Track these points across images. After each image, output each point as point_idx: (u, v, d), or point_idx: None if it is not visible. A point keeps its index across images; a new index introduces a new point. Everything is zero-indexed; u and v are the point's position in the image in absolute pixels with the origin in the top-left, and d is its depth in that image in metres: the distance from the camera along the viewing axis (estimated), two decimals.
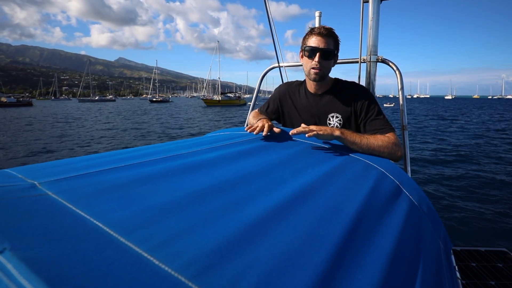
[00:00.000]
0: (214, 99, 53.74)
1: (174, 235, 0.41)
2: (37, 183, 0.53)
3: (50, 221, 0.41)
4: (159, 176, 0.63)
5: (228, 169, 0.72)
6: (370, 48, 1.75)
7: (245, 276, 0.35)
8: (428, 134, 13.63)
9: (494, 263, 1.76)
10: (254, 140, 1.06)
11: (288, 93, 1.55)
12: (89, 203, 0.47)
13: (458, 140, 11.63)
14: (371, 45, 1.75)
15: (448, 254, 0.82)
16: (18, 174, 0.57)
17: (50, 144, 11.37)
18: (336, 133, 1.08)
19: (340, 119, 1.40)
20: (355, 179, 0.79)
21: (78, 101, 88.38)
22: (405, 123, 1.71)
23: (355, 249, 0.48)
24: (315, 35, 1.32)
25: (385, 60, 1.75)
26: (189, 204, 0.51)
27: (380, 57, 1.76)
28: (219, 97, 55.98)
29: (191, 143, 0.97)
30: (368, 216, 0.60)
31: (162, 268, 0.34)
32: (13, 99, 58.10)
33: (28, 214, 0.41)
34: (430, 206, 0.86)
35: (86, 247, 0.36)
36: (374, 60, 1.76)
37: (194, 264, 0.36)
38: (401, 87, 1.73)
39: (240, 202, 0.55)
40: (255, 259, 0.39)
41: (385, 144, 1.15)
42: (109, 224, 0.41)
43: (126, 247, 0.37)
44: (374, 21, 1.72)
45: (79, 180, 0.57)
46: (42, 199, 0.47)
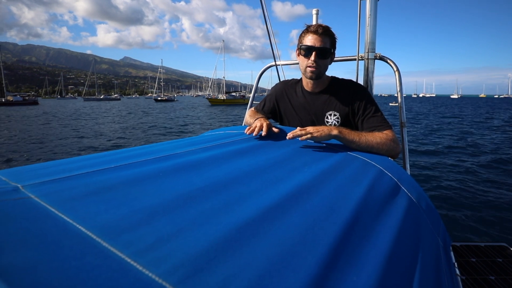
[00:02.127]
0: (219, 98, 53.84)
1: (161, 239, 0.40)
2: (20, 186, 0.51)
3: (29, 225, 0.39)
4: (150, 177, 0.61)
5: (221, 169, 0.71)
6: (368, 46, 1.75)
7: (235, 279, 0.34)
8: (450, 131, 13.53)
9: (494, 258, 1.76)
10: (250, 139, 1.05)
11: (285, 92, 1.55)
12: (73, 206, 0.46)
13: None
14: (369, 42, 1.74)
15: (447, 250, 0.81)
16: (2, 177, 0.55)
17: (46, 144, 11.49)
18: (334, 132, 1.07)
19: (338, 117, 1.39)
20: (353, 177, 0.78)
21: (84, 100, 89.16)
22: (404, 120, 1.71)
23: (351, 249, 0.48)
24: (311, 34, 1.31)
25: (383, 57, 1.75)
26: (179, 206, 0.50)
27: (378, 54, 1.75)
28: (223, 96, 56.08)
29: (186, 143, 0.95)
30: (365, 215, 0.59)
31: (146, 274, 0.33)
32: (19, 98, 58.85)
33: (6, 219, 0.40)
34: (429, 203, 0.86)
35: (65, 253, 0.34)
36: (372, 58, 1.76)
37: (180, 268, 0.34)
38: (399, 84, 1.73)
39: (232, 203, 0.53)
40: (246, 261, 0.38)
41: (383, 141, 1.15)
42: (92, 228, 0.40)
43: (109, 252, 0.36)
44: (372, 18, 1.72)
45: (66, 182, 0.55)
46: (24, 202, 0.46)
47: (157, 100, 77.77)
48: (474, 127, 15.96)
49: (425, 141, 10.83)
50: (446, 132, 13.53)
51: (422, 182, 6.02)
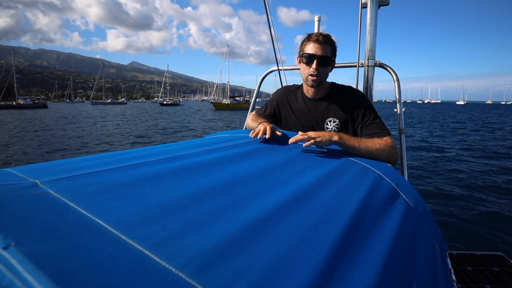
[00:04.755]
0: (223, 103, 54.26)
1: (174, 234, 0.42)
2: (39, 182, 0.53)
3: (52, 218, 0.41)
4: (159, 176, 0.63)
5: (227, 171, 0.73)
6: (368, 53, 1.78)
7: (244, 274, 0.36)
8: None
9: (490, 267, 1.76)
10: (253, 142, 1.07)
11: (286, 97, 1.57)
12: (90, 202, 0.48)
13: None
14: (369, 50, 1.77)
15: (444, 256, 0.83)
16: (19, 173, 0.58)
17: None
18: (335, 138, 1.09)
19: (338, 123, 1.42)
20: (352, 181, 0.80)
21: (91, 104, 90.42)
22: (402, 127, 1.73)
23: (352, 249, 0.49)
24: (313, 42, 1.34)
25: (382, 64, 1.78)
26: (189, 204, 0.52)
27: (377, 61, 1.78)
28: (228, 101, 56.44)
29: (191, 145, 0.98)
30: (365, 218, 0.61)
31: (163, 265, 0.35)
32: (29, 101, 60.07)
33: (31, 212, 0.42)
34: (426, 209, 0.87)
35: (89, 243, 0.37)
36: (372, 65, 1.79)
37: (194, 262, 0.37)
38: (398, 92, 1.75)
39: (238, 203, 0.55)
40: (253, 258, 0.40)
41: (382, 147, 1.17)
42: (110, 222, 0.42)
43: (128, 245, 0.38)
44: (372, 27, 1.75)
45: (80, 179, 0.57)
46: (44, 197, 0.48)
47: (163, 104, 78.72)
48: (473, 134, 15.81)
49: (424, 145, 10.84)
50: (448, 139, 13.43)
51: (420, 186, 6.00)
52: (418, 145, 11.49)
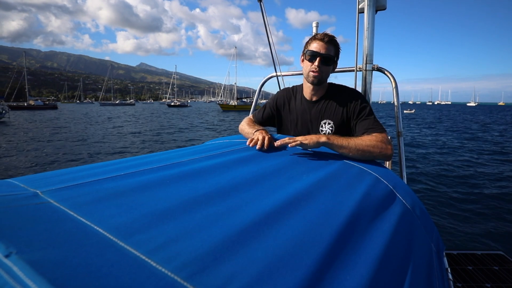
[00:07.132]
0: (230, 104, 54.36)
1: (170, 239, 0.43)
2: (39, 192, 0.55)
3: (53, 227, 0.43)
4: (157, 184, 0.64)
5: (224, 177, 0.74)
6: (366, 57, 1.80)
7: (237, 276, 0.37)
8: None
9: (490, 266, 1.76)
10: (251, 148, 1.08)
11: (286, 99, 1.59)
12: (89, 210, 0.49)
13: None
14: (367, 54, 1.80)
15: (441, 256, 0.84)
16: (21, 184, 0.59)
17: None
18: (322, 139, 1.09)
19: (332, 125, 1.43)
20: (349, 184, 0.81)
21: (100, 105, 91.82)
22: (401, 130, 1.75)
23: (345, 251, 0.50)
24: (317, 41, 1.37)
25: (380, 68, 1.80)
26: (185, 210, 0.53)
27: (375, 65, 1.80)
28: (235, 102, 56.57)
29: (190, 151, 0.99)
30: (360, 220, 0.62)
31: (159, 269, 0.36)
32: (40, 102, 61.43)
33: (32, 221, 0.43)
34: (423, 210, 0.88)
35: (88, 250, 0.38)
36: (370, 69, 1.81)
37: (189, 265, 0.38)
38: (396, 94, 1.77)
39: (235, 208, 0.56)
40: (247, 261, 0.41)
41: (373, 143, 1.16)
42: (108, 229, 0.43)
43: (125, 251, 0.39)
44: (370, 31, 1.78)
45: (80, 188, 0.59)
46: (45, 206, 0.49)
47: (170, 105, 79.02)
48: (474, 136, 15.62)
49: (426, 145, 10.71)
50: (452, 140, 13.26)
51: (422, 189, 5.97)
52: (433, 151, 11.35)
